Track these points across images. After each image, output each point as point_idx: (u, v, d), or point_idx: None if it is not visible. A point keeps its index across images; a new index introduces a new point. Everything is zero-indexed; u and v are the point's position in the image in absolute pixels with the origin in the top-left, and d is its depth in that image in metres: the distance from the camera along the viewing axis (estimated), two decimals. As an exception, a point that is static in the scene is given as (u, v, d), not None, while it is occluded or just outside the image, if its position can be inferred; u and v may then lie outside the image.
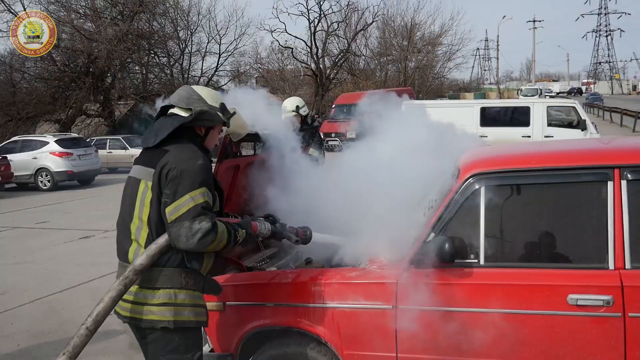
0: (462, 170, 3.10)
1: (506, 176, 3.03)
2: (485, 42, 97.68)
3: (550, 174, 2.97)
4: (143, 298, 2.74)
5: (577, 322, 2.78)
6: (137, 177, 2.84)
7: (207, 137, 2.98)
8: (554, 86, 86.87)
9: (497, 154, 3.43)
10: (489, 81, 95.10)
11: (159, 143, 2.80)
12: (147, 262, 2.67)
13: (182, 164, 2.70)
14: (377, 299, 3.06)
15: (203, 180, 2.72)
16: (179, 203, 2.65)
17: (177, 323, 2.74)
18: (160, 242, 2.69)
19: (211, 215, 2.70)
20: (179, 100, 2.92)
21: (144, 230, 2.76)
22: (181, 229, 2.63)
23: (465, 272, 2.95)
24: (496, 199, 2.98)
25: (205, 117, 2.89)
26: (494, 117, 15.21)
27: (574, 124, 14.51)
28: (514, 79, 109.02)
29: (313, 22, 41.37)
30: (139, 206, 2.78)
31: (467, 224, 3.00)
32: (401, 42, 46.50)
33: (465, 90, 65.09)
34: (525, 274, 2.91)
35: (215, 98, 2.99)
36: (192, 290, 2.80)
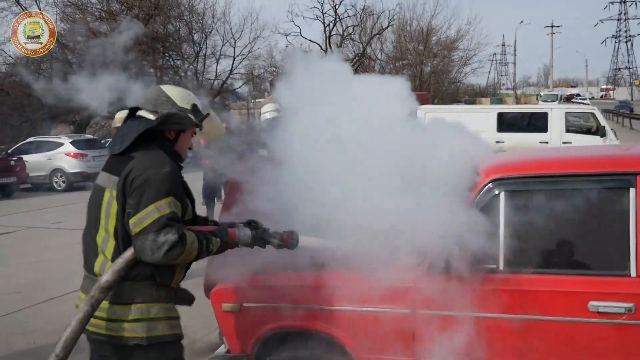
0: (481, 175, 3.08)
1: (526, 181, 3.02)
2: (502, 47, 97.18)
3: (571, 180, 2.96)
4: (114, 314, 2.59)
5: (598, 329, 2.76)
6: (102, 186, 2.67)
7: (178, 141, 2.79)
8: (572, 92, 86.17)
9: (517, 159, 3.41)
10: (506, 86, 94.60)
11: (126, 149, 2.63)
12: (114, 278, 2.50)
13: (147, 171, 2.54)
14: (395, 303, 3.05)
15: (169, 189, 2.55)
16: (143, 214, 2.49)
17: (151, 339, 2.59)
18: (127, 255, 2.52)
19: (178, 226, 2.52)
20: (145, 102, 2.75)
21: (110, 242, 2.61)
22: (146, 241, 2.46)
23: (484, 277, 2.93)
24: (516, 204, 2.97)
25: (173, 120, 2.71)
26: (511, 123, 15.07)
27: (593, 130, 14.35)
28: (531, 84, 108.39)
29: (328, 26, 41.48)
30: (104, 217, 2.62)
31: (486, 230, 2.97)
32: (417, 46, 46.43)
33: (482, 96, 64.79)
34: (545, 280, 2.89)
35: (187, 99, 2.80)
36: (165, 303, 2.66)
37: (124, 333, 2.57)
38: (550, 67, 73.92)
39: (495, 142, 14.01)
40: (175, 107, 2.72)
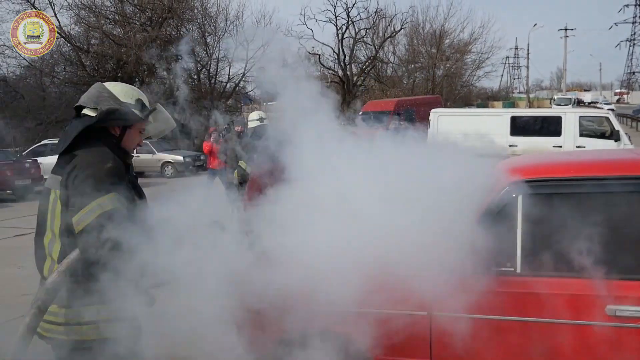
0: (499, 179, 3.10)
1: (545, 185, 3.03)
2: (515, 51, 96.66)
3: (591, 183, 2.96)
4: (63, 317, 2.49)
5: (616, 333, 2.77)
6: (48, 187, 2.60)
7: (125, 137, 2.70)
8: (585, 96, 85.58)
9: (535, 162, 3.42)
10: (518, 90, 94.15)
11: (70, 148, 2.57)
12: (59, 279, 2.39)
13: (89, 168, 2.46)
14: (411, 305, 3.07)
15: (111, 185, 2.46)
16: (85, 211, 2.39)
17: (101, 341, 2.51)
18: (72, 256, 2.41)
19: (123, 223, 2.40)
20: (87, 100, 2.67)
21: (56, 243, 2.52)
22: (89, 239, 2.36)
23: (502, 280, 2.95)
24: (534, 208, 2.98)
25: (115, 116, 2.62)
26: (524, 127, 15.03)
27: (607, 134, 14.28)
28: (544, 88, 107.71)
29: (341, 28, 41.51)
30: (50, 218, 2.55)
31: (504, 232, 2.99)
32: (429, 49, 46.34)
33: (494, 99, 64.55)
34: (563, 283, 2.90)
35: (130, 94, 2.72)
36: (106, 305, 2.51)
37: (76, 336, 2.50)
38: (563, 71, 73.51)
39: (508, 145, 14.00)
40: (117, 103, 2.65)
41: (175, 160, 23.07)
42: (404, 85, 45.34)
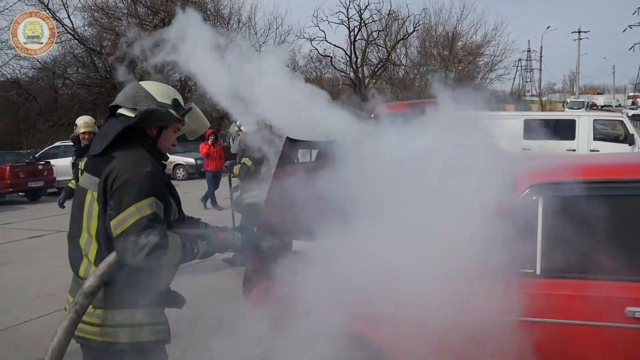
0: (519, 181, 3.13)
1: (565, 187, 3.05)
2: (528, 53, 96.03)
3: (611, 186, 2.99)
4: (97, 319, 2.52)
5: (635, 334, 2.78)
6: (84, 187, 2.61)
7: (160, 138, 2.71)
8: (598, 99, 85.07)
9: (555, 165, 3.45)
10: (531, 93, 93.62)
11: (107, 149, 2.56)
12: (97, 282, 2.41)
13: (127, 172, 2.45)
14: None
15: (150, 190, 2.45)
16: (123, 215, 2.39)
17: (134, 345, 2.53)
18: (109, 260, 2.44)
19: (160, 228, 2.42)
20: (124, 100, 2.67)
21: (93, 245, 2.54)
22: (127, 243, 2.36)
23: (521, 281, 2.97)
24: (554, 210, 3.01)
25: (154, 116, 2.62)
26: (537, 130, 14.99)
27: (621, 138, 14.24)
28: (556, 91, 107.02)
29: (353, 30, 41.52)
30: (87, 219, 2.56)
31: (524, 234, 3.02)
32: (442, 51, 46.25)
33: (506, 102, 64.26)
34: (582, 285, 2.92)
35: (167, 94, 2.72)
36: (150, 308, 2.58)
37: (109, 338, 2.52)
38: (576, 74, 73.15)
39: (521, 149, 13.97)
40: (155, 103, 2.65)
41: (186, 162, 23.19)
42: (416, 87, 45.28)
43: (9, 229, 12.45)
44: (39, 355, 5.16)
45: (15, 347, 5.51)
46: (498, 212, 3.10)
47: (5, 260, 9.37)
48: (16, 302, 7.02)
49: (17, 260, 9.31)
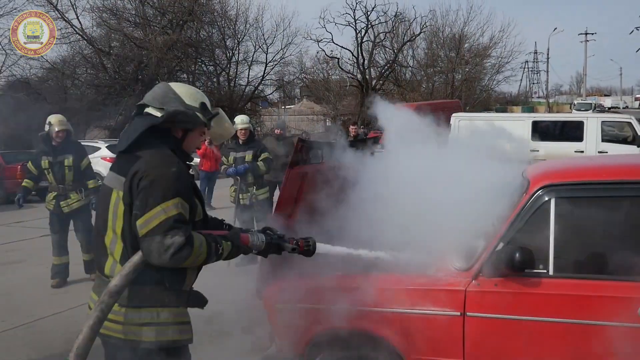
0: (532, 182, 3.16)
1: (577, 188, 3.09)
2: (535, 55, 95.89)
3: (623, 187, 3.02)
4: (124, 317, 2.53)
5: (648, 334, 2.81)
6: (110, 186, 2.61)
7: (186, 140, 2.72)
8: (605, 101, 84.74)
9: (567, 166, 3.48)
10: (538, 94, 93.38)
11: (132, 148, 2.57)
12: (123, 282, 2.42)
13: (154, 171, 2.46)
14: (445, 306, 3.15)
15: (177, 190, 2.47)
16: (149, 216, 2.40)
17: (161, 343, 2.55)
18: (135, 259, 2.45)
19: (185, 228, 2.44)
20: (153, 99, 2.67)
21: (118, 244, 2.55)
22: (152, 244, 2.38)
23: (534, 281, 3.01)
24: (566, 211, 3.05)
25: (180, 118, 2.63)
26: (545, 132, 14.98)
27: (629, 139, 14.21)
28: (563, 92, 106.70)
29: (360, 32, 41.57)
30: (112, 218, 2.56)
31: (537, 235, 3.06)
32: (448, 53, 46.22)
33: (513, 104, 64.17)
34: (595, 285, 2.95)
35: (195, 97, 2.72)
36: (174, 307, 2.59)
37: (133, 336, 2.53)
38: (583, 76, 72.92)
39: (529, 150, 13.97)
40: (183, 105, 2.65)
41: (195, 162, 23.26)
42: (423, 89, 45.27)
43: (21, 228, 12.52)
44: (53, 351, 5.27)
45: (29, 344, 5.56)
46: (510, 212, 3.14)
47: (19, 258, 9.44)
48: (30, 299, 7.08)
49: (30, 258, 9.36)
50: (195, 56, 34.36)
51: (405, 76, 45.89)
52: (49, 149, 7.39)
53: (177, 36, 31.25)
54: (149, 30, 31.63)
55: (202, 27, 34.61)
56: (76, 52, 31.03)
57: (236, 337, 5.44)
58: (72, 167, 7.43)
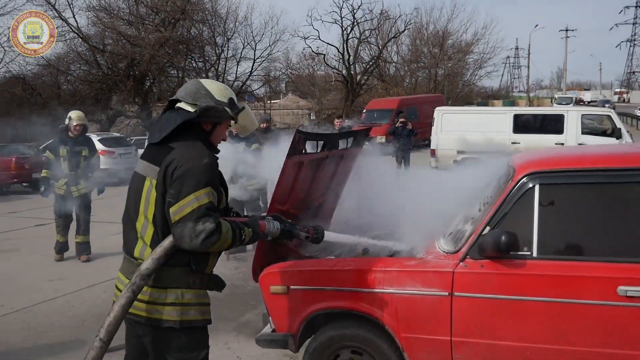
0: (517, 170, 3.32)
1: (560, 176, 3.26)
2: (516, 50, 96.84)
3: (603, 174, 3.19)
4: (151, 297, 2.68)
5: (626, 312, 2.98)
6: (142, 174, 2.77)
7: (214, 133, 2.88)
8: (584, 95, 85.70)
9: (550, 156, 3.65)
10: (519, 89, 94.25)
11: (165, 139, 2.73)
12: (153, 265, 2.60)
13: (188, 162, 2.62)
14: (434, 287, 3.30)
15: (208, 180, 2.63)
16: (183, 203, 2.56)
17: (184, 323, 2.70)
18: (165, 244, 2.62)
19: (215, 215, 2.60)
20: (185, 95, 2.82)
21: (149, 228, 2.71)
22: (185, 229, 2.54)
23: (519, 263, 3.17)
24: (549, 197, 3.21)
25: (211, 113, 2.79)
26: (527, 125, 15.23)
27: (609, 132, 14.49)
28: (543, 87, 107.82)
29: (346, 29, 41.88)
30: (144, 204, 2.72)
31: (521, 219, 3.22)
32: (432, 49, 46.55)
33: (494, 98, 64.75)
34: (577, 266, 3.11)
35: (224, 93, 2.87)
36: (197, 289, 2.76)
37: (160, 315, 2.68)
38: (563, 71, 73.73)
39: (510, 143, 14.22)
40: (213, 101, 2.80)
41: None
42: (406, 84, 45.59)
43: (15, 218, 12.75)
44: (54, 334, 5.44)
45: (30, 327, 5.73)
46: (496, 198, 3.30)
47: (16, 246, 9.67)
48: (29, 285, 7.26)
49: (26, 247, 9.57)
50: (185, 53, 34.56)
51: (389, 71, 46.21)
52: (67, 139, 8.27)
53: (170, 34, 31.42)
54: (142, 29, 31.81)
55: (193, 25, 34.83)
56: (71, 49, 31.24)
57: (231, 319, 5.62)
58: (87, 158, 8.37)
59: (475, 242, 3.25)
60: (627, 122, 41.51)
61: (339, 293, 3.53)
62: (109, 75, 31.15)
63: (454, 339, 3.28)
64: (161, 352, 2.74)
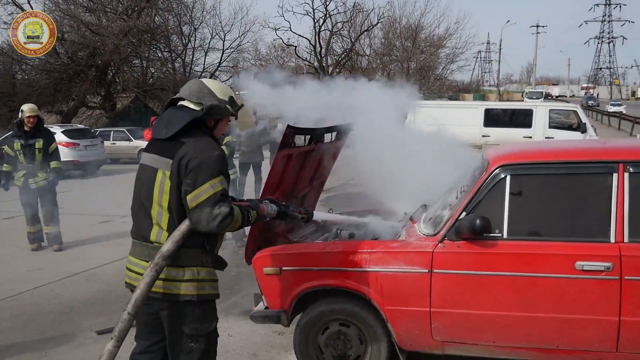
0: (490, 162, 3.73)
1: (529, 167, 3.70)
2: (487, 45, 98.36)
3: (566, 166, 3.64)
4: (167, 275, 2.94)
5: (583, 283, 3.44)
6: (154, 166, 2.98)
7: (216, 128, 3.14)
8: (553, 89, 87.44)
9: (520, 149, 4.08)
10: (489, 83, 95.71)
11: (174, 135, 2.95)
12: (173, 247, 2.86)
13: (201, 155, 2.87)
14: (416, 265, 3.68)
15: (220, 170, 2.90)
16: (199, 191, 2.83)
17: (200, 297, 2.99)
18: (183, 228, 2.88)
19: (228, 200, 2.90)
20: (189, 94, 3.05)
21: (164, 215, 2.94)
22: (202, 214, 2.81)
23: (491, 243, 3.58)
24: (519, 186, 3.64)
25: (215, 110, 3.03)
26: (497, 119, 15.73)
27: (574, 126, 15.10)
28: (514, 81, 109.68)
29: (318, 21, 42.00)
30: (158, 194, 2.95)
31: (494, 205, 3.63)
32: (404, 43, 47.02)
33: (465, 92, 65.73)
34: (541, 245, 3.54)
35: (225, 92, 3.13)
36: (209, 268, 3.05)
37: (178, 291, 2.96)
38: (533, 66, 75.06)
39: (481, 136, 14.72)
40: (216, 100, 3.05)
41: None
42: (378, 77, 45.97)
43: (-21, 212, 12.53)
44: (44, 320, 5.67)
45: (18, 315, 5.89)
46: (472, 187, 3.69)
47: None
48: (8, 276, 7.32)
49: (-1, 240, 9.51)
50: (150, 42, 33.96)
51: (361, 64, 46.52)
52: (22, 133, 8.29)
53: (134, 22, 30.83)
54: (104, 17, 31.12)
55: (157, 14, 34.24)
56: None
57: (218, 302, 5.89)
58: (41, 150, 8.34)
59: (452, 225, 3.64)
60: (593, 117, 42.81)
61: (329, 272, 3.88)
62: (69, 65, 29.98)
63: (433, 309, 3.68)
64: (177, 324, 3.02)
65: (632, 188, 3.46)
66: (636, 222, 3.43)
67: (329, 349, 4.03)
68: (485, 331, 3.64)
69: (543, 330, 3.54)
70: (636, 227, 3.42)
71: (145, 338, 3.17)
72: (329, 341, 4.02)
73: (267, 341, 4.96)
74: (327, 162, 5.01)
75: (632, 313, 3.40)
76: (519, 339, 3.61)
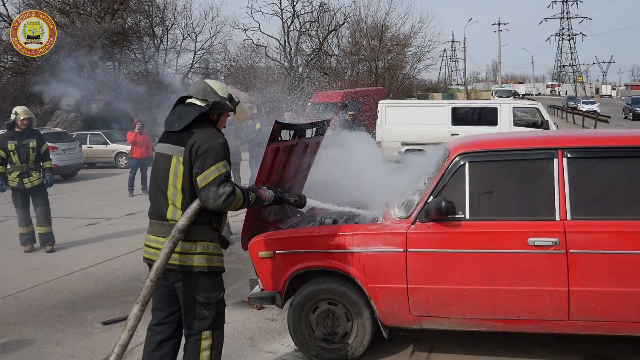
0: (451, 151, 4.30)
1: (484, 154, 4.28)
2: (452, 43, 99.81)
3: (515, 153, 4.24)
4: (182, 249, 3.41)
5: (535, 257, 3.99)
6: (169, 154, 3.47)
7: (219, 121, 3.63)
8: (519, 88, 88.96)
9: (477, 140, 4.65)
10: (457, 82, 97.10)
11: (184, 127, 3.44)
12: (187, 222, 3.34)
13: (208, 142, 3.37)
14: (392, 245, 4.21)
15: (224, 155, 3.39)
16: (207, 173, 3.31)
17: (211, 268, 3.48)
18: (194, 206, 3.36)
19: (231, 182, 3.39)
20: (196, 93, 3.57)
21: (178, 195, 3.42)
22: (209, 192, 3.29)
23: (456, 224, 4.13)
24: (477, 171, 4.21)
25: (218, 106, 3.55)
26: (464, 117, 16.33)
27: (538, 124, 15.85)
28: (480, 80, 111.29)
29: (286, 21, 42.43)
30: (173, 177, 3.44)
31: (456, 189, 4.18)
32: (371, 42, 47.61)
33: (434, 91, 66.73)
34: (498, 224, 4.10)
35: (224, 90, 3.65)
36: (216, 243, 3.55)
37: (191, 262, 3.44)
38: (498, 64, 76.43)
39: (450, 134, 15.35)
40: (218, 97, 3.58)
41: (128, 150, 23.22)
42: (348, 77, 46.50)
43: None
44: (50, 314, 6.09)
45: (24, 310, 6.25)
46: (437, 173, 4.25)
47: None
48: (7, 276, 7.61)
49: (-9, 242, 9.64)
50: (121, 44, 33.93)
51: (330, 64, 46.99)
52: (14, 134, 8.58)
53: (109, 25, 30.89)
54: (77, 19, 31.06)
55: (129, 15, 34.27)
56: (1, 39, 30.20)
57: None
58: (35, 149, 8.64)
59: (422, 208, 4.18)
60: (557, 115, 44.04)
61: (316, 254, 4.39)
62: (43, 67, 30.21)
63: (409, 286, 4.19)
64: (191, 293, 3.49)
65: (570, 171, 4.04)
66: (577, 201, 3.99)
67: (319, 328, 4.52)
68: (455, 304, 4.14)
69: (505, 302, 4.05)
70: (577, 206, 3.99)
71: (161, 310, 3.65)
72: (319, 320, 4.51)
73: (261, 327, 5.41)
74: (309, 156, 5.52)
75: (579, 283, 3.91)
76: (485, 311, 4.11)
